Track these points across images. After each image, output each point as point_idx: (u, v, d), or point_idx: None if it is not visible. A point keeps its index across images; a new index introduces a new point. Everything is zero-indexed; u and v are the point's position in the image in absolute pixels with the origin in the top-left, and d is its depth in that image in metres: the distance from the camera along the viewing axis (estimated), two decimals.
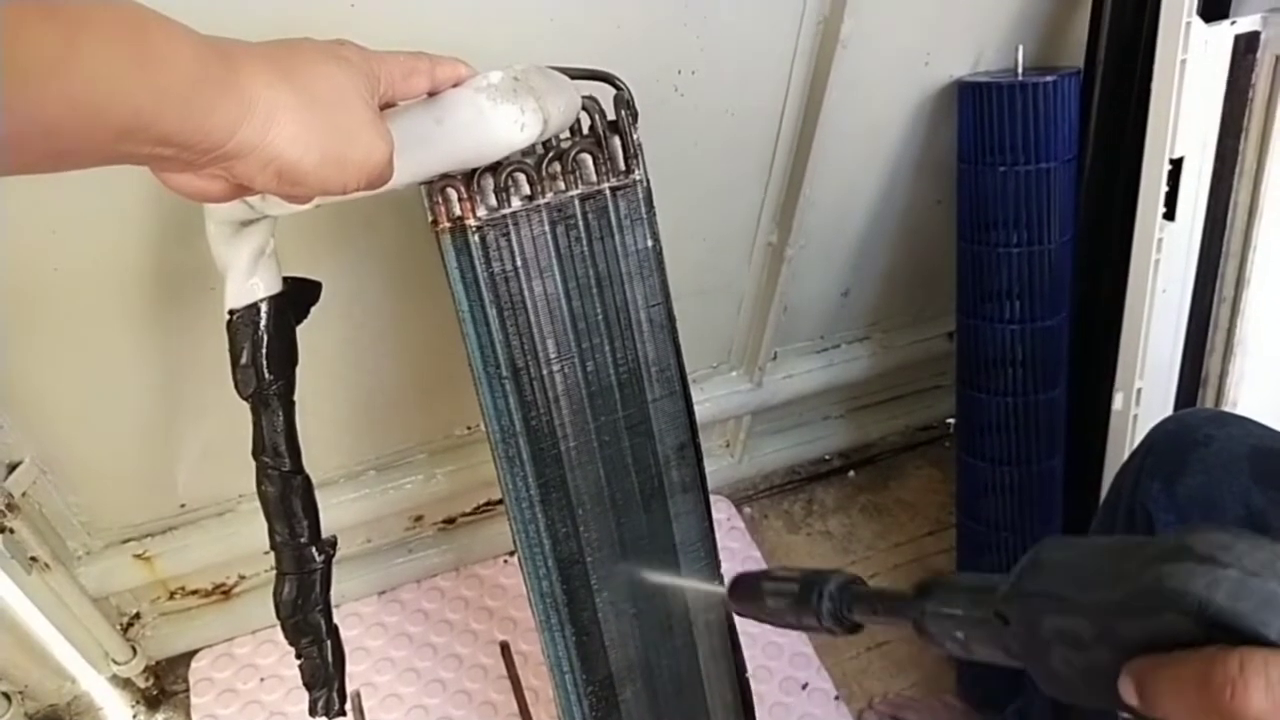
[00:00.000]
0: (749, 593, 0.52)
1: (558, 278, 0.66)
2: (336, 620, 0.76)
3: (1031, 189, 0.98)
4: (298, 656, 0.74)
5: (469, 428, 1.17)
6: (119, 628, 1.12)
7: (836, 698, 1.18)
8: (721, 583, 0.78)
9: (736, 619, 0.80)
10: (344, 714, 0.76)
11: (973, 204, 1.02)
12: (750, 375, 1.29)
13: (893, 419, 1.53)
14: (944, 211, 1.16)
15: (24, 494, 0.93)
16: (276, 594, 0.72)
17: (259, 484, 0.70)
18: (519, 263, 0.64)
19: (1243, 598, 0.30)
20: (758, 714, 0.90)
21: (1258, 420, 0.76)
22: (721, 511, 1.40)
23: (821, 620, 0.48)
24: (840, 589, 0.48)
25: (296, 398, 0.70)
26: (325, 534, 0.73)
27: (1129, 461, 0.79)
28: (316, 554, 0.71)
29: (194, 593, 1.18)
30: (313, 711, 0.75)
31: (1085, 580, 0.35)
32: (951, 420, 1.53)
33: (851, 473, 1.51)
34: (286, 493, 0.69)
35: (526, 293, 0.65)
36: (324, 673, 0.74)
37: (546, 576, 0.69)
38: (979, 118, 0.98)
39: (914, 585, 0.43)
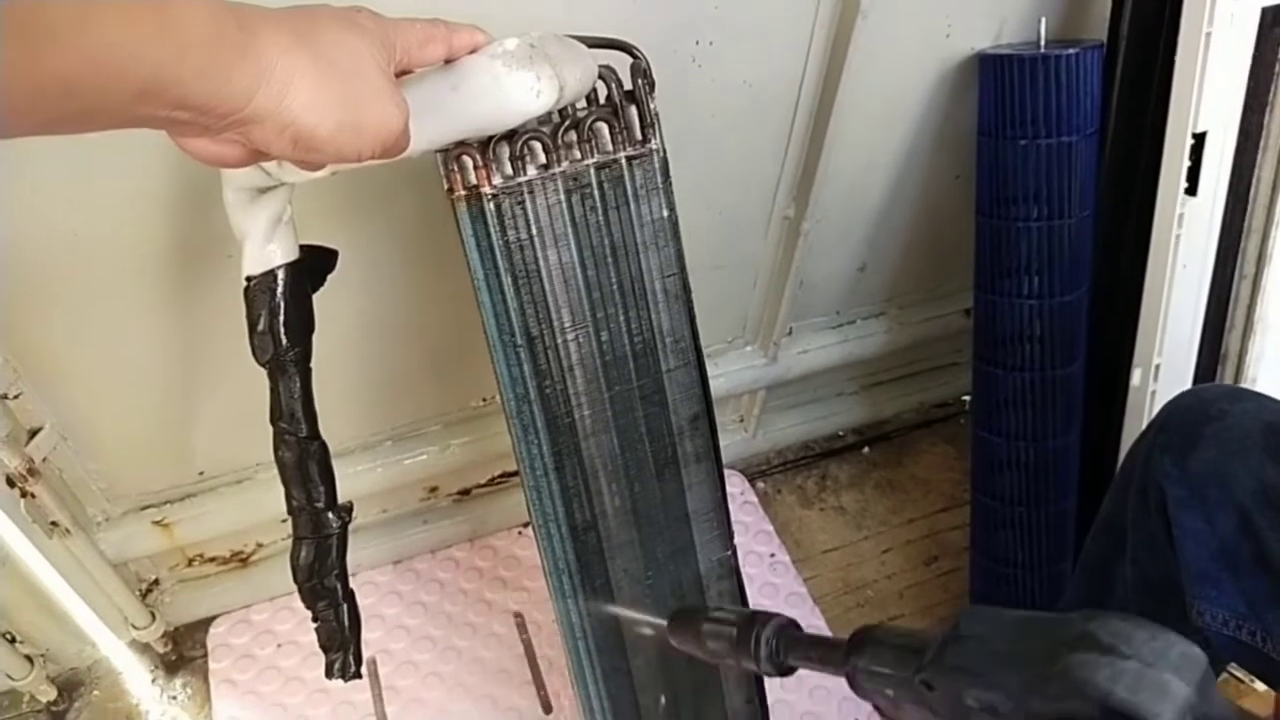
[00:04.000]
0: (689, 630, 0.56)
1: (573, 246, 0.66)
2: (352, 586, 0.77)
3: (1052, 163, 0.97)
4: (314, 620, 0.75)
5: (484, 399, 1.18)
6: (138, 594, 1.13)
7: None
8: (733, 553, 0.78)
9: (746, 587, 0.81)
10: (359, 676, 0.77)
11: (992, 178, 1.01)
12: (765, 350, 1.29)
13: (907, 396, 1.53)
14: (962, 187, 1.15)
15: (44, 460, 0.94)
16: (293, 558, 0.72)
17: (276, 450, 0.70)
18: (534, 231, 0.64)
19: (1141, 689, 0.34)
20: (769, 687, 0.91)
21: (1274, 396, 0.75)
22: (735, 486, 1.40)
23: (759, 663, 0.51)
24: (776, 633, 0.51)
25: (313, 368, 0.70)
26: (341, 500, 0.74)
27: (1142, 437, 0.79)
28: (333, 519, 0.72)
29: (212, 560, 1.19)
30: (329, 674, 0.76)
31: (1002, 658, 0.39)
32: (967, 397, 1.53)
33: (866, 449, 1.51)
34: (303, 458, 0.70)
35: (541, 261, 0.65)
36: (340, 636, 0.75)
37: (560, 543, 0.70)
38: (1000, 91, 0.97)
39: (849, 637, 0.46)
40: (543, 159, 0.64)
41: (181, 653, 1.19)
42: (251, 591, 1.21)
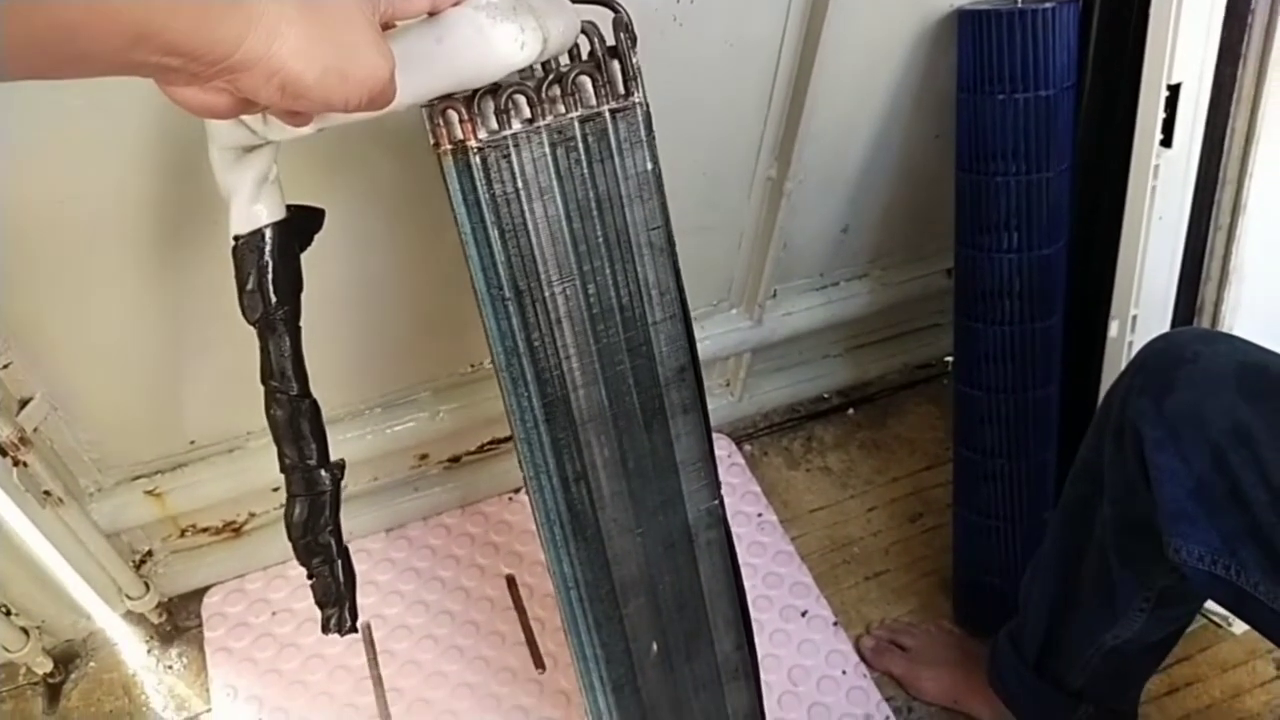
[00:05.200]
0: None
1: (558, 200, 0.66)
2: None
3: (1030, 117, 0.98)
4: (309, 576, 0.76)
5: (472, 365, 1.18)
6: (132, 565, 1.14)
7: (835, 624, 1.21)
8: (720, 502, 0.80)
9: (736, 546, 0.82)
10: (355, 631, 0.78)
11: (972, 133, 1.02)
12: (750, 313, 1.30)
13: (891, 357, 1.55)
14: (943, 146, 1.17)
15: (35, 430, 0.94)
16: (287, 516, 0.73)
17: (268, 408, 0.71)
18: (520, 184, 0.65)
19: None
20: (759, 641, 0.93)
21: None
22: (722, 449, 1.41)
23: None
24: None
25: (302, 334, 0.71)
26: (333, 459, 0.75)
27: (1119, 380, 0.80)
28: (325, 476, 0.72)
29: (205, 530, 1.20)
30: (325, 629, 0.77)
31: None
32: (950, 359, 1.54)
33: (851, 410, 1.53)
34: (295, 416, 0.70)
35: (528, 214, 0.65)
36: (335, 591, 0.76)
37: (551, 495, 0.71)
38: (979, 46, 0.98)
39: None
40: (527, 113, 0.64)
41: (176, 623, 1.20)
42: (245, 561, 1.22)
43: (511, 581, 1.24)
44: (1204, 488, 0.73)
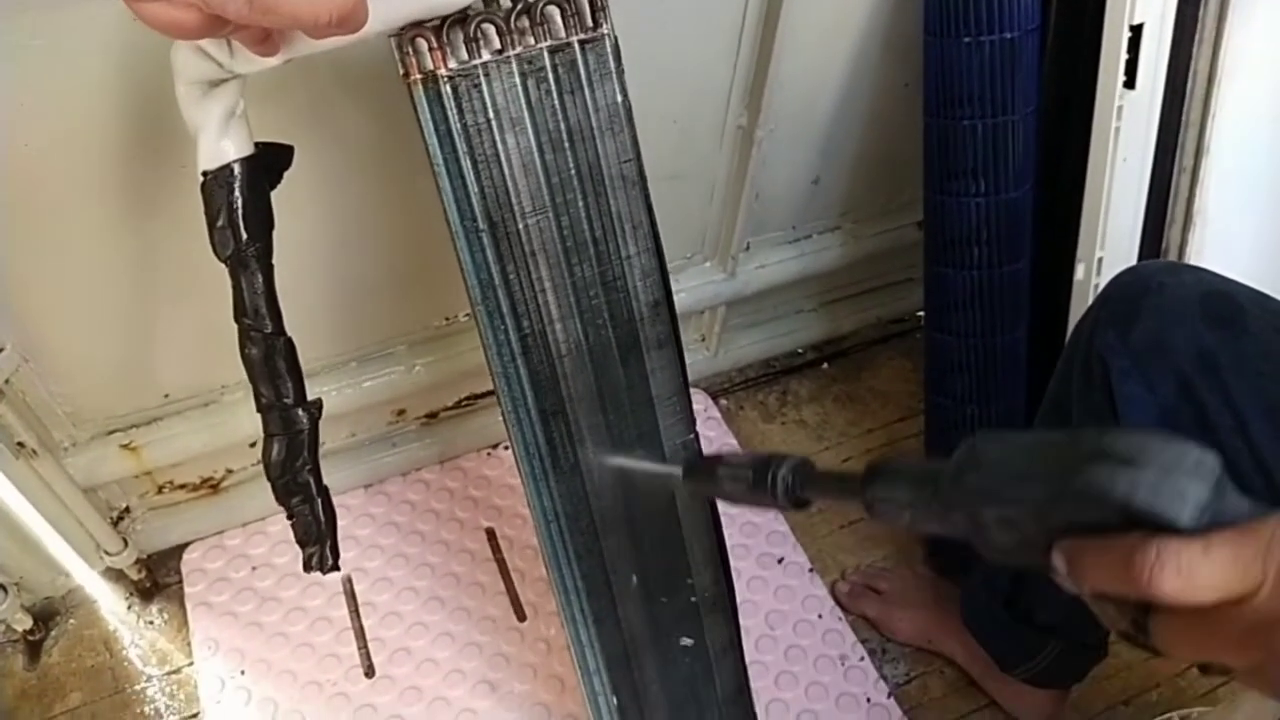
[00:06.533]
0: (705, 477, 0.57)
1: (530, 131, 0.67)
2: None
3: (996, 60, 0.99)
4: (289, 517, 0.77)
5: (446, 319, 1.18)
6: (110, 521, 1.14)
7: (811, 570, 1.23)
8: (695, 437, 0.80)
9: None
10: (337, 569, 0.78)
11: (939, 78, 1.03)
12: (724, 265, 1.31)
13: (865, 311, 1.56)
14: (911, 95, 1.17)
15: (7, 381, 0.94)
16: (265, 455, 0.74)
17: (242, 347, 0.71)
18: (491, 114, 0.65)
19: (1160, 494, 0.35)
20: (736, 588, 0.94)
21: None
22: (699, 403, 1.42)
23: (776, 499, 0.53)
24: (792, 471, 0.52)
25: (276, 289, 0.71)
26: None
27: (1087, 313, 0.82)
28: (303, 415, 0.73)
29: (182, 487, 1.20)
30: (307, 568, 0.78)
31: (1019, 476, 0.40)
32: (922, 313, 1.56)
33: (825, 365, 1.54)
34: (270, 354, 0.71)
35: (499, 145, 0.66)
36: (316, 530, 0.76)
37: (530, 428, 0.72)
38: None
39: (863, 470, 0.47)
40: (497, 43, 0.64)
41: (156, 579, 1.20)
42: (223, 518, 1.22)
43: (491, 534, 1.25)
44: (1170, 415, 0.74)
